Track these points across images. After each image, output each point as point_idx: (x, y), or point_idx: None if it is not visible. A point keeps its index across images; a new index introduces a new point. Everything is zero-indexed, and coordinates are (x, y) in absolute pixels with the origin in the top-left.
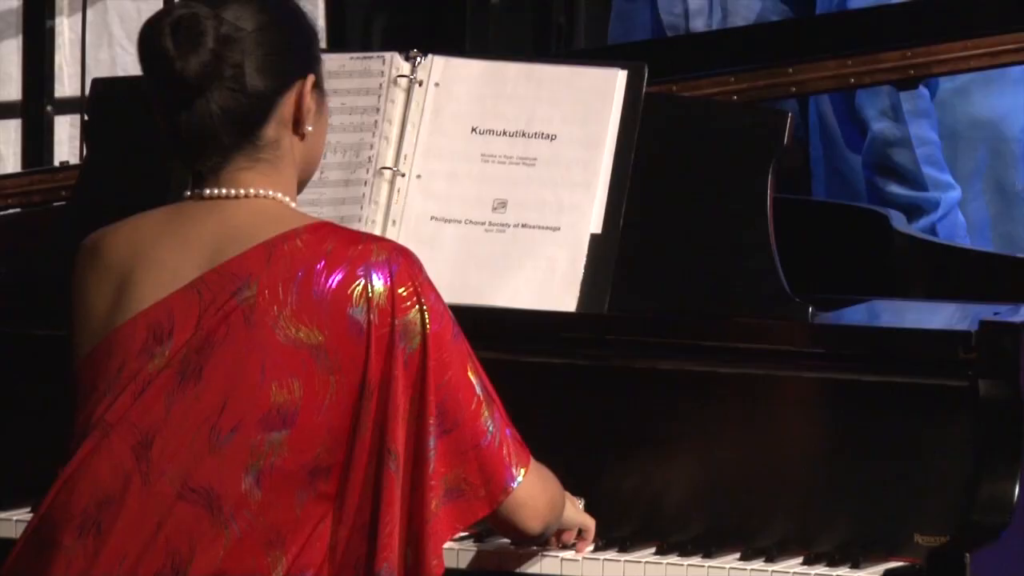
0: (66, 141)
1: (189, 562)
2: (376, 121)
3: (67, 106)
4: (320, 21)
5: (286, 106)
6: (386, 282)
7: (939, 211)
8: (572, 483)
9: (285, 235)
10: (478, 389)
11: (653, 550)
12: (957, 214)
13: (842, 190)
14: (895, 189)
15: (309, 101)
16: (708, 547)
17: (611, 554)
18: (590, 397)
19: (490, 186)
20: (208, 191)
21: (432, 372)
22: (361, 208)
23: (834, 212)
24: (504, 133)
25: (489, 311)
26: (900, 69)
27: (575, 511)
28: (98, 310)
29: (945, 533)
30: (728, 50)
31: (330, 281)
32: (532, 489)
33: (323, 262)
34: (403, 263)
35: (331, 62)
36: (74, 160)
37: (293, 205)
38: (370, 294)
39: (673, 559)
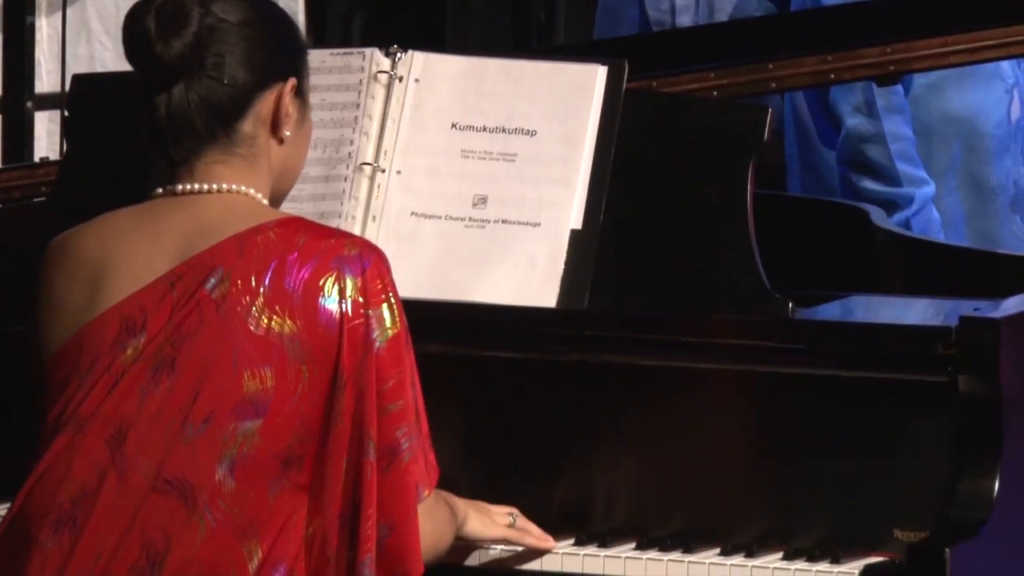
0: (45, 137)
1: (165, 554)
2: (356, 117)
3: (46, 102)
4: (300, 16)
5: (265, 104)
6: (358, 275)
7: (913, 207)
8: (551, 480)
9: (258, 228)
10: (412, 400)
11: (633, 545)
12: (931, 210)
13: (816, 186)
14: (869, 185)
15: (288, 105)
16: (688, 542)
17: (591, 549)
18: (570, 393)
19: (470, 182)
20: (180, 187)
21: (406, 370)
22: (341, 204)
23: (814, 208)
24: (484, 129)
25: (469, 307)
26: (880, 65)
27: (484, 527)
28: (69, 306)
29: (925, 528)
30: (708, 46)
31: (303, 272)
32: (427, 519)
33: (296, 253)
34: (375, 260)
35: (311, 58)
36: (53, 156)
37: (265, 203)
38: (343, 286)
39: (653, 554)
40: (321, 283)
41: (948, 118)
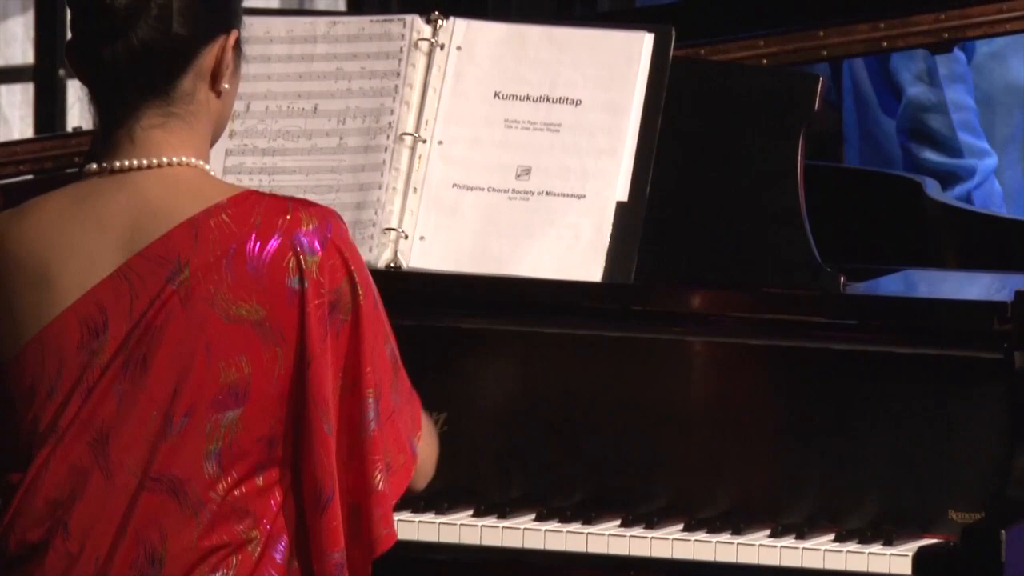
0: (77, 105)
1: (164, 549)
2: (397, 86)
3: None
4: None
5: (207, 58)
6: (318, 252)
7: (975, 179)
8: (596, 459)
9: (209, 211)
10: (390, 357)
11: (681, 527)
12: (993, 182)
13: (875, 156)
14: (930, 155)
15: (230, 57)
16: (737, 524)
17: (637, 531)
18: (615, 369)
19: (513, 152)
20: (118, 163)
21: (366, 344)
22: (382, 175)
23: (867, 179)
24: (528, 98)
25: (512, 281)
26: (933, 32)
27: None
28: (19, 309)
29: (980, 509)
30: (757, 13)
31: (264, 254)
32: (425, 449)
33: (253, 235)
34: (334, 231)
35: (350, 25)
36: (86, 126)
37: (208, 168)
38: (304, 265)
39: (701, 536)
40: (284, 264)
41: (1011, 88)
